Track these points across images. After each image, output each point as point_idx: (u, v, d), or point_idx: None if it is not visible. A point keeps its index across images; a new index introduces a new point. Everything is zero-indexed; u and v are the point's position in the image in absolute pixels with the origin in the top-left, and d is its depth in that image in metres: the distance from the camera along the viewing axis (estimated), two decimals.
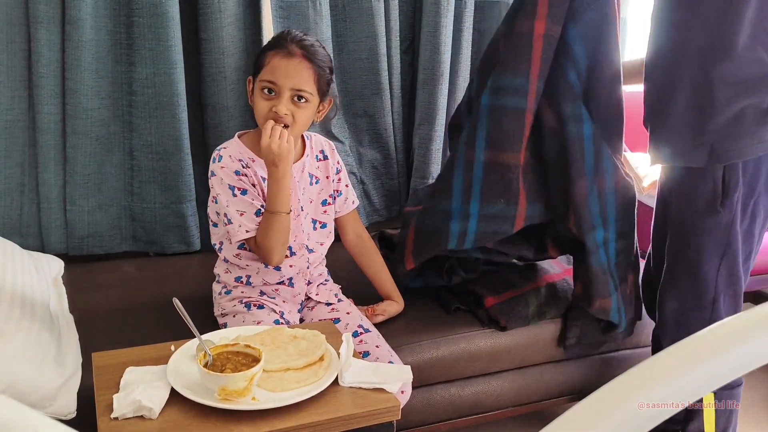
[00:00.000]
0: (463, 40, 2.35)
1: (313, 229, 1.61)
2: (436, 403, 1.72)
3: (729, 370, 0.51)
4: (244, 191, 1.49)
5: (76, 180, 1.89)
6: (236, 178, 1.49)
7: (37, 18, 1.76)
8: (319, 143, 1.66)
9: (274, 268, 1.55)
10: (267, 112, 1.47)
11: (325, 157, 1.65)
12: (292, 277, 1.58)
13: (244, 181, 1.49)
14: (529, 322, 1.74)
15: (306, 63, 1.48)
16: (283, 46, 1.48)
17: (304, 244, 1.58)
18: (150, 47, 1.87)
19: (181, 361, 1.16)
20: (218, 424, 1.03)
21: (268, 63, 1.48)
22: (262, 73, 1.49)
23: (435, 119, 2.34)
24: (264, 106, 1.47)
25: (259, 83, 1.48)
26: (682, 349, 0.52)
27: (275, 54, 1.48)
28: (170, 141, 1.94)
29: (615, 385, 0.52)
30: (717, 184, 1.52)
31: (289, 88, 1.46)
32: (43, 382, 1.25)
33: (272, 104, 1.46)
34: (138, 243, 2.03)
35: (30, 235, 1.91)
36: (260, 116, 1.49)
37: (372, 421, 1.10)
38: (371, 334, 1.55)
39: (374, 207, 2.39)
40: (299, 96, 1.47)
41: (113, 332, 1.55)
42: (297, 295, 1.60)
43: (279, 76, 1.46)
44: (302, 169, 1.58)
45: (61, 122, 1.86)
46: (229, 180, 1.49)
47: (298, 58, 1.47)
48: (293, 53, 1.47)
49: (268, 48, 1.52)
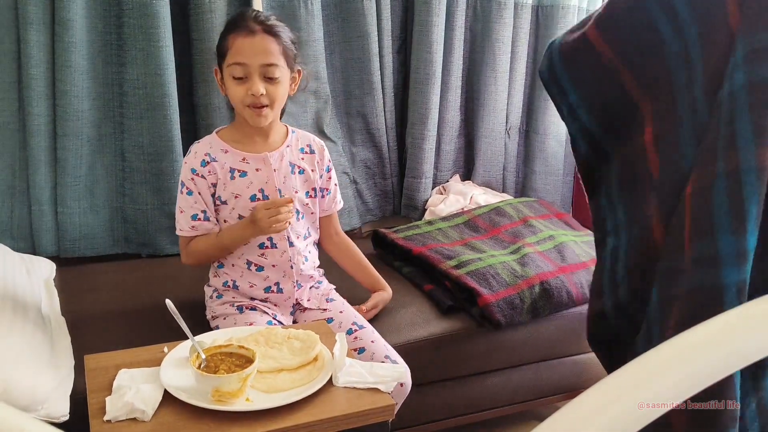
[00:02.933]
0: (455, 40, 2.35)
1: (296, 220, 1.59)
2: (431, 402, 1.72)
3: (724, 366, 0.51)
4: (190, 192, 1.52)
5: (68, 182, 1.88)
6: (190, 176, 1.51)
7: (27, 19, 1.75)
8: (307, 138, 1.65)
9: (256, 269, 1.55)
10: (243, 96, 1.46)
11: (312, 152, 1.64)
12: (279, 281, 1.57)
13: (196, 181, 1.51)
14: (524, 319, 1.75)
15: (269, 37, 1.47)
16: (243, 26, 1.46)
17: (285, 235, 1.55)
18: (141, 48, 1.86)
19: (174, 362, 1.16)
20: (212, 425, 1.03)
21: (231, 46, 1.46)
22: (228, 57, 1.47)
23: (428, 119, 2.34)
24: (238, 90, 1.47)
25: (228, 69, 1.47)
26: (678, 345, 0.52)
27: (236, 35, 1.46)
28: (162, 142, 1.93)
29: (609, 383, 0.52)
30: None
31: (258, 65, 1.45)
32: (36, 384, 1.24)
33: (246, 87, 1.46)
34: (130, 245, 2.03)
35: (21, 238, 1.90)
36: (237, 101, 1.48)
37: (366, 421, 1.10)
38: (366, 330, 1.54)
39: (367, 207, 2.39)
40: (270, 72, 1.46)
41: (106, 334, 1.54)
42: (287, 299, 1.59)
43: (247, 55, 1.44)
44: (281, 158, 1.57)
45: (52, 124, 1.85)
46: (183, 176, 1.53)
47: (261, 34, 1.46)
48: (254, 30, 1.46)
49: (226, 32, 1.49)
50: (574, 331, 1.83)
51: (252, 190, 1.53)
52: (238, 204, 1.53)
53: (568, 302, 1.81)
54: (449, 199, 2.36)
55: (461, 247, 1.98)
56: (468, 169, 2.58)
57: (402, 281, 1.90)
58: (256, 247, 1.55)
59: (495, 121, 2.47)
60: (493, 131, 2.48)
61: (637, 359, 0.53)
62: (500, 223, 2.14)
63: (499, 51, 2.39)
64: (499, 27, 2.37)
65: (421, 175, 2.39)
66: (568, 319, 1.83)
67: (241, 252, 1.55)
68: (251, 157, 1.54)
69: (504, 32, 2.38)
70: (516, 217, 2.17)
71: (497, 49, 2.39)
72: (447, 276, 1.83)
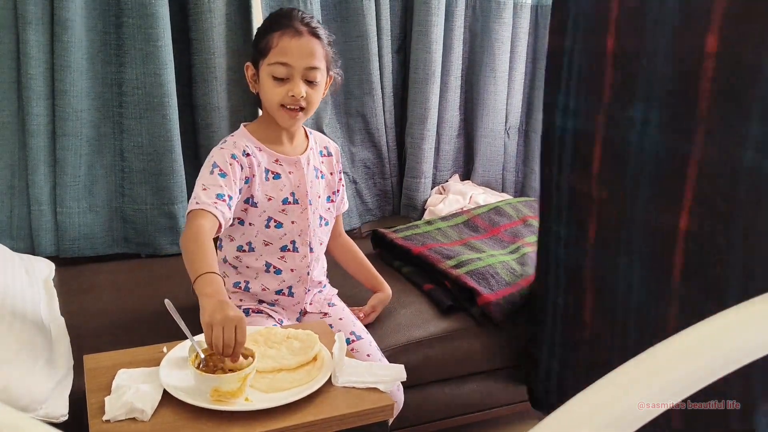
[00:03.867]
0: (454, 39, 2.35)
1: (319, 226, 1.58)
2: (430, 402, 1.72)
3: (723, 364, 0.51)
4: (223, 174, 1.40)
5: (67, 182, 1.88)
6: (229, 160, 1.41)
7: (26, 19, 1.75)
8: (323, 140, 1.64)
9: (274, 272, 1.53)
10: (282, 96, 1.42)
11: (329, 154, 1.63)
12: (292, 285, 1.56)
13: (234, 167, 1.41)
14: (523, 318, 1.74)
15: (315, 40, 1.43)
16: (289, 25, 1.42)
17: (308, 241, 1.54)
18: (140, 48, 1.86)
19: (173, 362, 1.16)
20: (211, 425, 1.03)
21: (276, 45, 1.41)
22: (270, 55, 1.42)
23: (427, 118, 2.34)
24: (278, 91, 1.43)
25: (268, 67, 1.42)
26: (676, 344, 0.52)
27: (282, 34, 1.41)
28: (161, 142, 1.93)
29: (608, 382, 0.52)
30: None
31: (303, 67, 1.42)
32: (35, 385, 1.24)
33: (287, 88, 1.42)
34: (129, 245, 2.02)
35: (20, 238, 1.90)
36: (273, 101, 1.44)
37: (366, 420, 1.10)
38: (363, 341, 1.53)
39: (367, 207, 2.39)
40: (312, 76, 1.43)
41: (105, 334, 1.54)
42: (296, 304, 1.58)
43: (292, 56, 1.41)
44: (308, 161, 1.55)
45: (51, 124, 1.85)
46: (218, 158, 1.42)
47: (307, 36, 1.42)
48: (301, 31, 1.42)
49: (270, 29, 1.44)
50: None
51: (285, 194, 1.50)
52: (270, 207, 1.49)
53: None
54: (449, 199, 2.36)
55: (460, 247, 1.98)
56: (467, 168, 2.58)
57: (401, 281, 1.90)
58: (278, 250, 1.53)
59: (494, 121, 2.48)
60: (492, 131, 2.48)
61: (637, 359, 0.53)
62: (500, 223, 2.14)
63: (498, 51, 2.39)
64: (499, 27, 2.37)
65: (420, 175, 2.39)
66: None
67: (260, 253, 1.52)
68: (284, 159, 1.51)
69: (503, 32, 2.38)
70: (515, 217, 2.17)
71: (497, 49, 2.39)
72: (446, 276, 1.83)
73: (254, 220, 1.50)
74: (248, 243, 1.52)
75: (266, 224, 1.50)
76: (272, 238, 1.51)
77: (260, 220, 1.50)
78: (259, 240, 1.51)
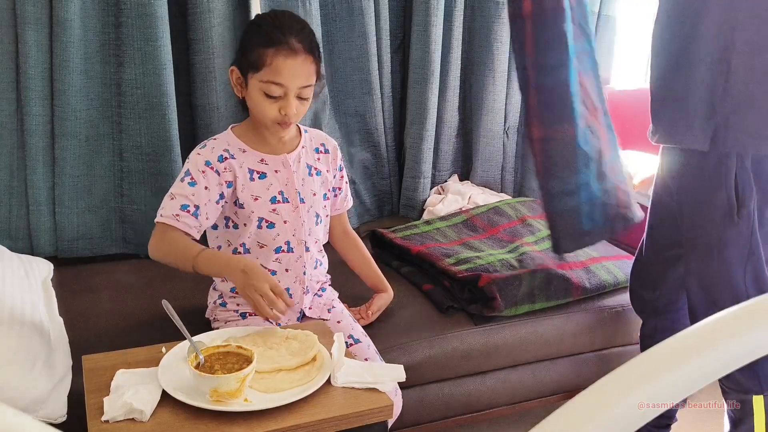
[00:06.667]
0: (453, 39, 2.35)
1: (315, 224, 1.57)
2: (430, 402, 1.72)
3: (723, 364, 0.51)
4: (193, 183, 1.40)
5: (65, 182, 1.88)
6: (201, 167, 1.42)
7: (25, 19, 1.75)
8: (320, 137, 1.62)
9: (270, 274, 1.53)
10: (275, 114, 1.41)
11: (326, 151, 1.61)
12: (289, 286, 1.55)
13: (207, 175, 1.42)
14: (518, 302, 1.76)
15: (309, 57, 1.41)
16: (283, 42, 1.37)
17: (303, 240, 1.53)
18: (139, 47, 1.86)
19: (172, 363, 1.16)
20: (210, 425, 1.03)
21: (270, 63, 1.37)
22: (263, 73, 1.38)
23: (426, 118, 2.34)
24: (270, 108, 1.41)
25: (261, 84, 1.39)
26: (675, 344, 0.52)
27: (277, 52, 1.37)
28: (160, 142, 1.93)
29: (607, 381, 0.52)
30: (730, 194, 1.44)
31: (297, 87, 1.40)
32: (34, 385, 1.24)
33: (279, 106, 1.40)
34: (128, 245, 2.02)
35: (19, 238, 1.90)
36: (266, 118, 1.42)
37: (365, 421, 1.10)
38: (361, 345, 1.53)
39: (365, 207, 2.39)
40: (305, 93, 1.42)
41: (103, 335, 1.54)
42: (295, 305, 1.57)
43: (287, 78, 1.38)
44: (298, 159, 1.54)
45: (50, 124, 1.85)
46: (192, 165, 1.43)
47: (303, 55, 1.39)
48: (296, 50, 1.38)
49: (264, 44, 1.38)
50: (573, 331, 1.84)
51: (272, 192, 1.49)
52: (258, 207, 1.48)
53: (566, 292, 1.82)
54: (447, 199, 2.36)
55: (459, 247, 1.99)
56: (466, 168, 2.58)
57: (401, 281, 1.90)
58: (273, 251, 1.51)
59: (493, 121, 2.47)
60: (491, 131, 2.48)
61: (637, 358, 0.53)
62: (498, 223, 2.14)
63: (497, 50, 2.39)
64: (498, 26, 2.37)
65: (419, 175, 2.39)
66: (567, 319, 1.83)
67: (255, 256, 1.51)
68: (270, 158, 1.50)
69: (502, 32, 2.38)
70: (514, 217, 2.17)
71: (495, 49, 2.38)
72: (446, 273, 1.83)
73: (246, 222, 1.49)
74: (242, 244, 1.51)
75: (258, 225, 1.49)
76: (266, 240, 1.51)
77: (252, 222, 1.49)
78: (253, 242, 1.51)
